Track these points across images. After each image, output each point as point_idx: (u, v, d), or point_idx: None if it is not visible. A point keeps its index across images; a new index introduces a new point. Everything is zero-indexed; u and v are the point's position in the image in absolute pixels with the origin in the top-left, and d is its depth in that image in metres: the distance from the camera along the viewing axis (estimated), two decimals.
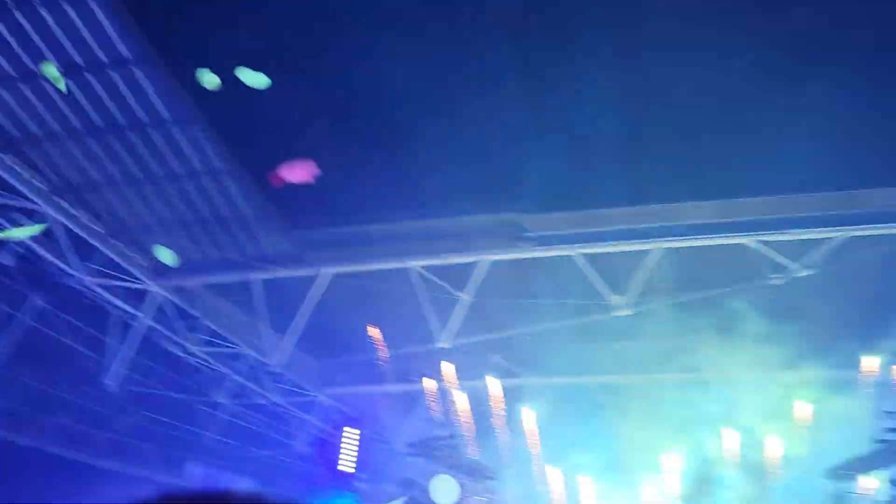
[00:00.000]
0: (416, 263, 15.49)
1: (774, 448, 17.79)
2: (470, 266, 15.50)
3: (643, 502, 19.17)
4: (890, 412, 15.03)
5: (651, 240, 14.71)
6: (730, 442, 18.13)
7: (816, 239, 14.85)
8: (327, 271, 15.73)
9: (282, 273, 15.64)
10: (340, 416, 20.58)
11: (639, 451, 18.21)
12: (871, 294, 15.78)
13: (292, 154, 11.18)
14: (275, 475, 19.81)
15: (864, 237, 14.56)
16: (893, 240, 14.47)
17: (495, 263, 15.43)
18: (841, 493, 16.31)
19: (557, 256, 15.26)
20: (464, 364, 17.97)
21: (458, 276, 15.81)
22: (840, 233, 14.58)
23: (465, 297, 15.73)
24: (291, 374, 18.85)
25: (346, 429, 19.54)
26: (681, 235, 14.70)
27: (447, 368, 17.92)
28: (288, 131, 12.55)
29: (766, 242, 14.92)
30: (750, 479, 18.06)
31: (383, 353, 17.92)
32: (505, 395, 19.08)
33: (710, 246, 14.74)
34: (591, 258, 15.15)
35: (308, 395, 20.11)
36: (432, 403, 19.13)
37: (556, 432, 19.05)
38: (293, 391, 19.71)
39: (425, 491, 17.13)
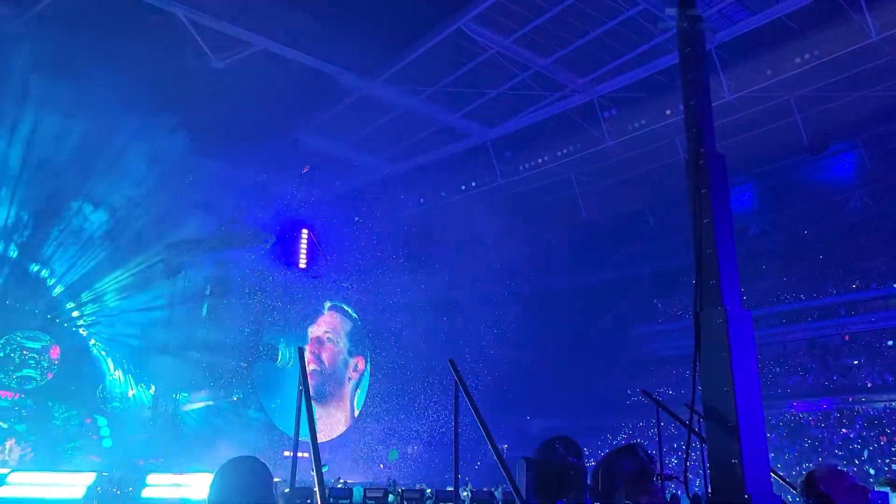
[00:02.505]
0: None
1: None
2: None
3: None
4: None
5: None
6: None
7: (243, 40, 15.57)
8: None
9: None
10: None
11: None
12: (268, 109, 17.63)
13: None
14: None
15: (280, 57, 15.99)
16: (301, 68, 16.35)
17: None
18: None
19: None
20: None
21: None
22: (263, 42, 15.64)
23: None
24: None
25: None
26: None
27: None
28: None
29: (198, 25, 14.76)
30: None
31: None
32: None
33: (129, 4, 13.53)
34: None
35: None
36: None
37: None
38: None
39: None
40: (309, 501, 9.01)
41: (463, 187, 21.53)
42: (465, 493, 13.51)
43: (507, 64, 16.56)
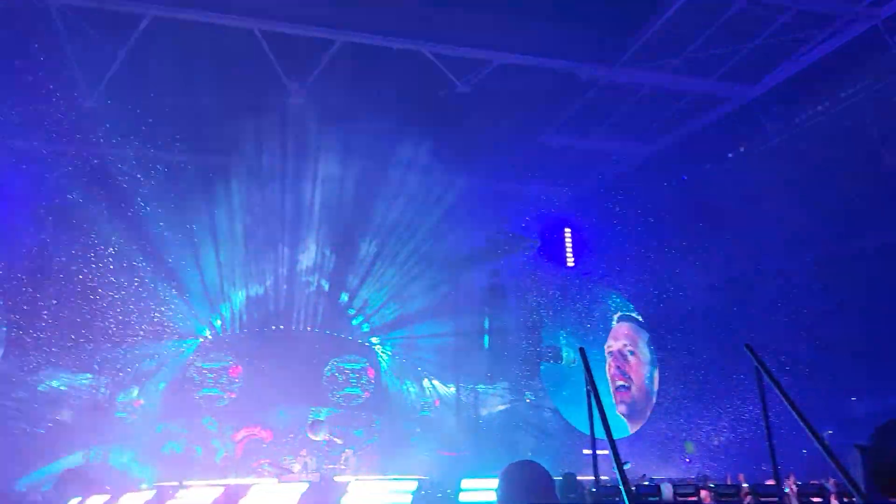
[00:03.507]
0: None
1: None
2: (130, 17, 13.56)
3: None
4: None
5: (333, 29, 14.43)
6: None
7: (481, 60, 16.27)
8: None
9: None
10: None
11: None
12: (514, 118, 18.22)
13: None
14: None
15: (518, 66, 16.36)
16: (539, 72, 16.56)
17: (161, 21, 13.72)
18: None
19: (234, 28, 14.16)
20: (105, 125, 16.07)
21: (117, 26, 13.81)
22: (500, 57, 16.13)
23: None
24: None
25: None
26: (364, 31, 14.68)
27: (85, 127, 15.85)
28: None
29: (439, 55, 15.85)
30: None
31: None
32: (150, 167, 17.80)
33: (387, 48, 15.03)
34: (271, 37, 14.42)
35: None
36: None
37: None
38: None
39: None
40: (618, 500, 8.89)
41: (730, 155, 19.75)
42: (787, 488, 12.25)
43: (761, 10, 14.88)
